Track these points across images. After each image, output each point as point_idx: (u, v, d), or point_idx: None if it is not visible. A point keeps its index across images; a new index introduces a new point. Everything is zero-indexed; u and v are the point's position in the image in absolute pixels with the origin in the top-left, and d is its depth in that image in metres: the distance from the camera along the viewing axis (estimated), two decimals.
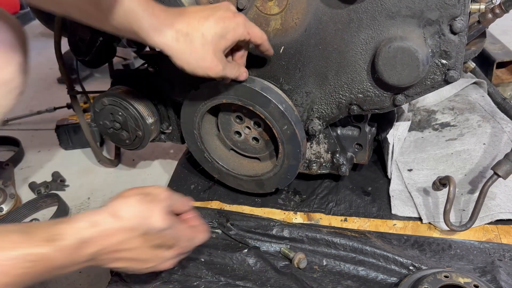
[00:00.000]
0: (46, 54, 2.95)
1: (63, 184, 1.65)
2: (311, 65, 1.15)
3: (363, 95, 1.13)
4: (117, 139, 1.47)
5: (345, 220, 1.32)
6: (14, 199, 1.49)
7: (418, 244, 1.21)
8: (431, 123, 1.63)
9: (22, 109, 2.22)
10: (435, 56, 1.01)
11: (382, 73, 1.03)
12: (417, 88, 1.07)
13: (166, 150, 1.82)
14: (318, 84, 1.17)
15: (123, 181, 1.66)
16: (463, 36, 0.98)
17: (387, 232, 1.26)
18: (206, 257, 1.21)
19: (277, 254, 1.22)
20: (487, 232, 1.21)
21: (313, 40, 1.11)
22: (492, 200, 1.25)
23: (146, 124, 1.40)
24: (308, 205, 1.37)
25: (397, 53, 0.99)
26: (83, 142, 1.84)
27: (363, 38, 1.06)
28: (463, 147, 1.45)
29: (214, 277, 1.15)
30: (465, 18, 0.96)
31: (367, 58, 1.07)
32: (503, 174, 1.15)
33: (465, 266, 1.13)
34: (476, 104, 1.66)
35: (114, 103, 1.38)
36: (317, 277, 1.15)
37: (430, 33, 0.99)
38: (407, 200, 1.33)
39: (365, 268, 1.15)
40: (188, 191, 1.48)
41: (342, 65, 1.11)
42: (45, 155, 1.85)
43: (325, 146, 1.30)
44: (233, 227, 1.28)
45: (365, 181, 1.45)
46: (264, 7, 1.11)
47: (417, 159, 1.46)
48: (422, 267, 1.12)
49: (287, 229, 1.25)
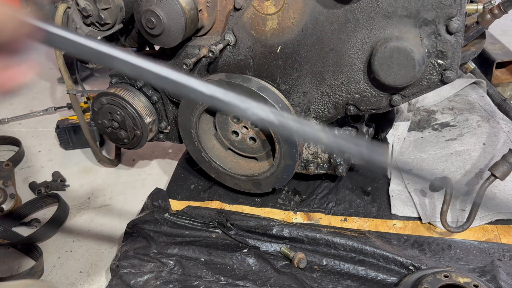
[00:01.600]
0: (46, 54, 2.94)
1: (63, 184, 1.65)
2: (308, 65, 1.15)
3: (359, 95, 1.13)
4: (115, 138, 1.47)
5: (345, 220, 1.32)
6: (14, 199, 1.49)
7: (418, 244, 1.21)
8: (430, 123, 1.62)
9: (22, 109, 2.22)
10: (431, 56, 1.01)
11: (378, 73, 1.03)
12: (414, 89, 1.07)
13: (165, 150, 1.82)
14: (315, 84, 1.17)
15: (123, 181, 1.66)
16: (459, 36, 0.98)
17: (386, 232, 1.26)
18: (206, 256, 1.21)
19: (277, 254, 1.23)
20: (487, 232, 1.21)
21: (310, 40, 1.11)
22: (492, 200, 1.25)
23: (144, 123, 1.40)
24: (308, 205, 1.37)
25: (393, 53, 0.99)
26: (83, 142, 1.84)
27: (359, 38, 1.06)
28: (462, 147, 1.45)
29: (214, 277, 1.15)
30: (461, 18, 0.95)
31: (364, 58, 1.07)
32: (500, 175, 1.15)
33: (464, 266, 1.13)
34: (475, 104, 1.66)
35: (112, 102, 1.39)
36: (317, 277, 1.15)
37: (426, 33, 0.99)
38: (406, 200, 1.33)
39: (365, 268, 1.15)
40: (188, 191, 1.48)
41: (338, 65, 1.11)
42: (45, 155, 1.85)
43: (323, 146, 1.30)
44: (233, 227, 1.28)
45: (365, 181, 1.45)
46: (261, 7, 1.11)
47: (417, 159, 1.46)
48: (421, 267, 1.12)
49: (287, 229, 1.25)
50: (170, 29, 1.15)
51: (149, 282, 1.14)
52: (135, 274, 1.16)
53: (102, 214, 1.50)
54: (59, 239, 1.40)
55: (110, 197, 1.58)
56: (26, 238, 1.35)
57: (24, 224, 1.46)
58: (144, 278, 1.15)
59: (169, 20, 1.14)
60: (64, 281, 1.25)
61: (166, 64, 1.33)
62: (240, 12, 1.14)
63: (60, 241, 1.39)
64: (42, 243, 1.38)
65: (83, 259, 1.32)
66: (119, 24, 1.32)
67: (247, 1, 1.11)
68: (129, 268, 1.17)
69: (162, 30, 1.15)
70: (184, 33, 1.16)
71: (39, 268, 1.26)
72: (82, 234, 1.42)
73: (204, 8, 1.20)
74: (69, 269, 1.29)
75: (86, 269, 1.28)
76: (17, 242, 1.35)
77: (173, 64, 1.32)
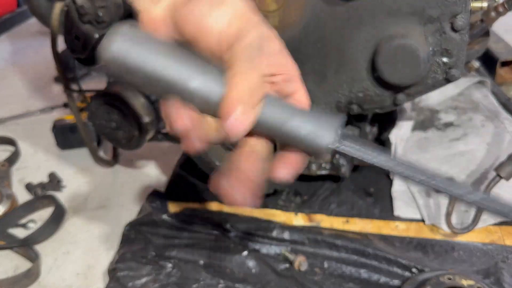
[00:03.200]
0: (42, 53, 2.93)
1: (60, 185, 1.64)
2: (309, 63, 1.13)
3: (363, 94, 1.11)
4: (113, 139, 1.45)
5: (347, 221, 1.30)
6: (10, 200, 1.48)
7: (421, 246, 1.20)
8: (434, 122, 1.61)
9: (18, 108, 2.21)
10: (436, 55, 1.00)
11: (382, 71, 1.01)
12: (418, 87, 1.05)
13: (164, 150, 1.80)
14: (317, 83, 1.15)
15: (120, 182, 1.64)
16: (464, 34, 0.96)
17: (389, 234, 1.24)
18: (205, 259, 1.20)
19: (277, 256, 1.21)
20: (490, 233, 1.21)
21: (311, 37, 1.09)
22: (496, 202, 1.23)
23: (142, 124, 1.38)
24: (309, 207, 1.36)
25: (398, 51, 0.97)
26: (80, 142, 1.82)
27: (362, 35, 1.04)
28: (466, 148, 1.44)
29: (213, 280, 1.14)
30: (466, 15, 0.94)
31: (367, 56, 1.05)
32: (505, 175, 1.14)
33: (468, 268, 1.12)
34: (479, 103, 1.65)
35: (110, 101, 1.37)
36: (318, 280, 1.13)
37: (431, 31, 0.98)
38: (409, 201, 1.32)
39: (367, 270, 1.14)
40: (186, 192, 1.46)
41: (341, 64, 1.09)
42: (42, 155, 1.83)
43: None
44: (232, 229, 1.27)
45: (367, 182, 1.43)
46: (262, 4, 1.09)
47: (420, 160, 1.45)
48: (425, 269, 1.10)
49: (287, 231, 1.24)
50: None
51: (147, 285, 1.13)
52: (133, 276, 1.14)
53: (99, 215, 1.48)
54: (56, 240, 1.38)
55: (107, 198, 1.56)
56: (22, 240, 1.33)
57: (20, 226, 1.44)
58: (142, 280, 1.14)
59: None
60: (61, 284, 1.23)
61: None
62: None
63: (57, 243, 1.37)
64: (39, 245, 1.35)
65: (80, 261, 1.30)
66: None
67: None
68: (126, 271, 1.15)
69: None
70: None
71: (36, 270, 1.24)
72: (79, 235, 1.40)
73: None
74: (66, 271, 1.27)
75: (83, 272, 1.26)
76: (13, 243, 1.33)
77: None
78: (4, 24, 3.48)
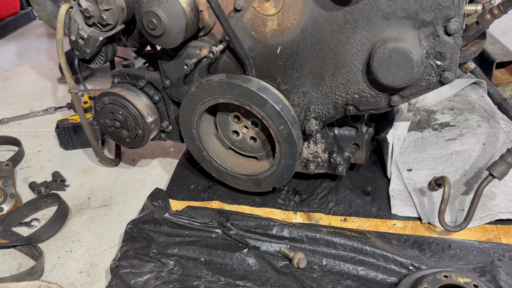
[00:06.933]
0: (46, 54, 2.95)
1: (63, 184, 1.65)
2: (307, 65, 1.15)
3: (359, 96, 1.13)
4: (117, 138, 1.48)
5: (345, 220, 1.32)
6: (14, 199, 1.49)
7: (418, 244, 1.21)
8: (430, 123, 1.62)
9: (22, 109, 2.23)
10: (430, 58, 1.02)
11: (377, 74, 1.04)
12: (412, 89, 1.07)
13: (166, 150, 1.82)
14: (315, 85, 1.17)
15: (123, 181, 1.66)
16: (457, 38, 0.98)
17: (386, 232, 1.26)
18: (206, 257, 1.21)
19: (277, 254, 1.23)
20: (487, 232, 1.21)
21: (309, 40, 1.11)
22: (492, 200, 1.25)
23: (146, 123, 1.41)
24: (308, 205, 1.38)
25: (392, 54, 1.00)
26: (83, 142, 1.84)
27: (358, 39, 1.06)
28: (462, 147, 1.45)
29: (214, 277, 1.15)
30: (459, 19, 0.96)
31: (363, 59, 1.08)
32: (498, 175, 1.15)
33: (464, 266, 1.13)
34: (475, 104, 1.66)
35: (115, 102, 1.39)
36: (317, 277, 1.15)
37: (424, 35, 1.00)
38: (406, 200, 1.33)
39: (365, 268, 1.15)
40: (188, 191, 1.48)
41: (338, 66, 1.11)
42: (45, 155, 1.85)
43: (323, 146, 1.30)
44: (233, 227, 1.28)
45: (365, 181, 1.45)
46: (261, 8, 1.11)
47: (417, 159, 1.46)
48: (421, 267, 1.12)
49: (287, 229, 1.26)
50: (171, 30, 1.15)
51: (149, 282, 1.14)
52: (135, 274, 1.16)
53: (102, 214, 1.50)
54: (59, 239, 1.40)
55: (110, 197, 1.58)
56: (26, 238, 1.35)
57: (24, 224, 1.46)
58: (144, 278, 1.15)
59: (170, 21, 1.14)
60: (64, 281, 1.25)
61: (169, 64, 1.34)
62: (241, 13, 1.14)
63: (60, 241, 1.39)
64: (42, 243, 1.38)
65: (83, 259, 1.32)
66: (121, 25, 1.33)
67: (247, 2, 1.12)
68: (129, 268, 1.17)
69: (163, 31, 1.16)
70: (185, 34, 1.17)
71: (39, 268, 1.27)
72: (82, 234, 1.42)
73: (205, 9, 1.20)
74: (69, 269, 1.29)
75: (86, 269, 1.28)
76: (17, 242, 1.35)
77: (174, 64, 1.32)
78: (7, 26, 3.50)
